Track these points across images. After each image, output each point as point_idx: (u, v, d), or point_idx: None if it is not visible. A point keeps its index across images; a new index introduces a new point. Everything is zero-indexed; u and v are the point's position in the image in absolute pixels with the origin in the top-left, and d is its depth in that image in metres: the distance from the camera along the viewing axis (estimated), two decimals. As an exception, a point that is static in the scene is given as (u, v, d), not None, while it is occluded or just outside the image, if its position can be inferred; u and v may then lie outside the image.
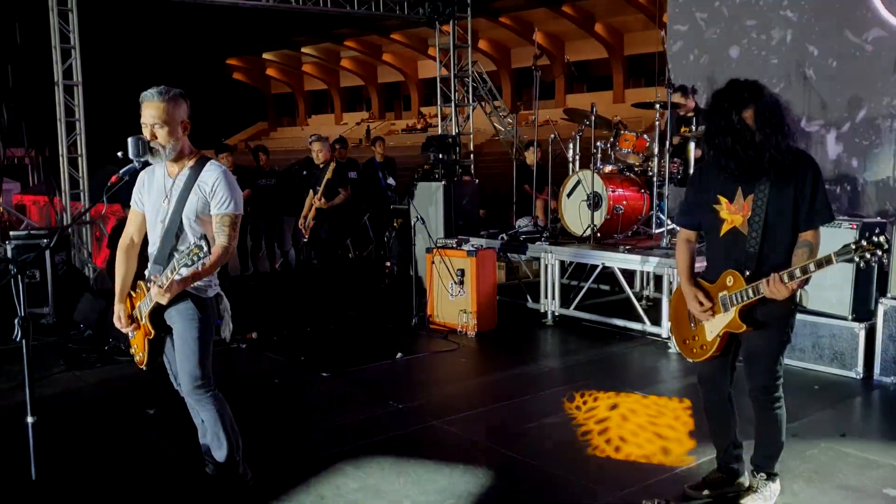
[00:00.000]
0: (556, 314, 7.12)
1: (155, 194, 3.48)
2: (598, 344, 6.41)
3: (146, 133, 3.38)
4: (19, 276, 3.27)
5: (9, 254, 7.66)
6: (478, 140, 16.04)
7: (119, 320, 3.53)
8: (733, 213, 3.33)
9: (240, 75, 45.83)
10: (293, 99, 48.36)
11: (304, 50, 40.63)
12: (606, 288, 8.07)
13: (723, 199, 3.35)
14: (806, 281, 3.18)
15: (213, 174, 3.41)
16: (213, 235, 3.40)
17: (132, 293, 3.55)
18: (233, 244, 3.40)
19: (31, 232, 7.97)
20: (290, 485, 3.80)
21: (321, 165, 7.98)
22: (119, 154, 3.45)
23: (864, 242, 2.90)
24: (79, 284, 8.39)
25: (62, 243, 8.19)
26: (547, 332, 6.94)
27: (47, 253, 7.71)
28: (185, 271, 3.25)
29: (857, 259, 2.93)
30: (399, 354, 6.13)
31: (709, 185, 3.40)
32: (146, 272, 3.53)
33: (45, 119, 12.92)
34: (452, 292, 6.88)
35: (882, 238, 2.88)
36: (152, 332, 3.41)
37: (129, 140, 3.41)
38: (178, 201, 3.40)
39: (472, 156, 14.03)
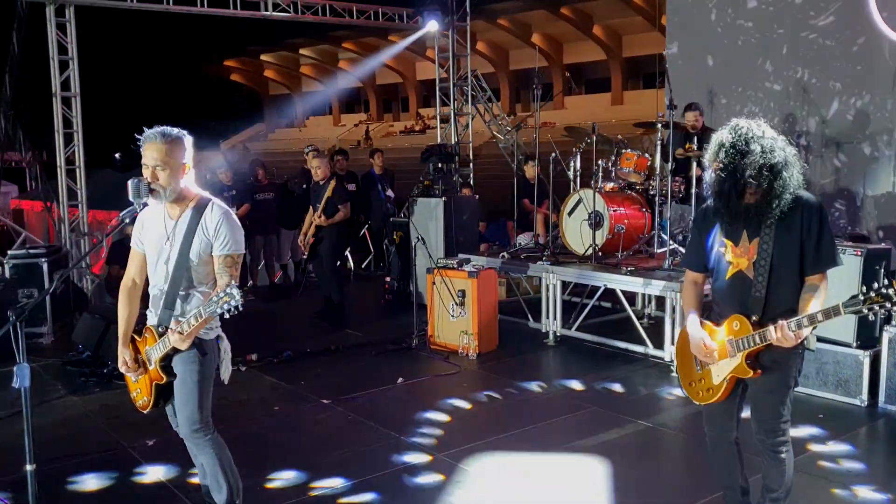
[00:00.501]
0: (558, 334, 7.08)
1: (156, 235, 3.43)
2: (601, 366, 6.37)
3: (147, 174, 3.34)
4: (18, 325, 3.20)
5: (6, 273, 7.61)
6: (475, 143, 15.98)
7: (125, 364, 3.47)
8: (738, 257, 3.29)
9: (237, 77, 45.74)
10: (290, 101, 48.23)
11: (301, 52, 40.53)
12: (608, 305, 8.03)
13: (728, 242, 3.31)
14: (813, 328, 3.14)
15: (215, 216, 3.38)
16: (216, 276, 3.38)
17: (136, 337, 3.51)
18: (234, 283, 3.36)
19: (30, 251, 7.91)
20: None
21: (321, 182, 7.93)
22: (117, 155, 3.42)
23: (872, 294, 2.86)
24: (78, 303, 8.35)
25: (61, 261, 8.13)
26: (549, 354, 6.90)
27: (45, 272, 7.67)
28: (195, 317, 3.20)
29: (865, 311, 2.89)
30: (400, 380, 6.09)
31: (713, 227, 3.36)
32: (149, 313, 3.49)
33: (42, 128, 12.89)
34: (453, 313, 6.85)
35: (891, 290, 2.84)
36: (163, 378, 3.36)
37: (129, 183, 3.37)
38: (182, 243, 3.36)
39: (471, 164, 13.99)
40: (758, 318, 3.22)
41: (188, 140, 3.41)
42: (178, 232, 3.40)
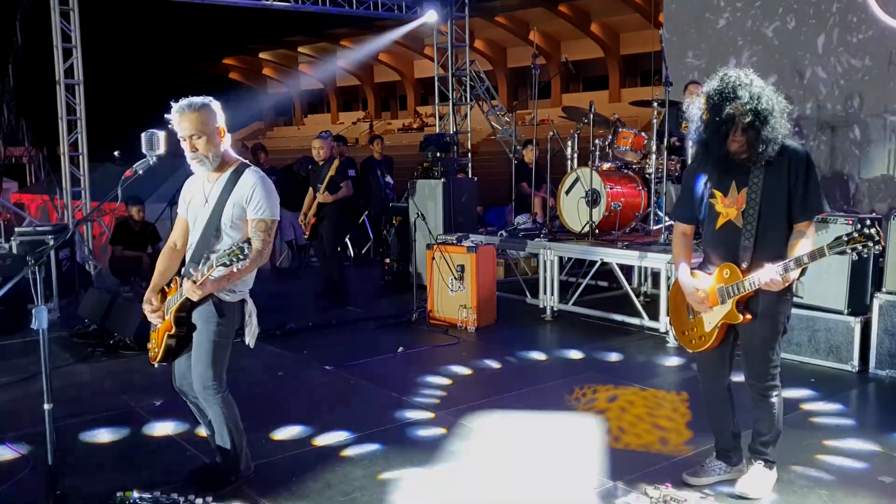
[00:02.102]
0: (556, 309, 7.21)
1: (198, 200, 3.57)
2: (598, 338, 6.50)
3: (185, 146, 3.45)
4: (36, 269, 3.33)
5: (14, 250, 7.73)
6: (474, 139, 16.13)
7: (149, 304, 3.59)
8: (728, 207, 3.41)
9: (235, 74, 45.81)
10: (289, 98, 48.35)
11: (300, 49, 40.64)
12: (604, 284, 8.17)
13: (717, 193, 3.43)
14: (802, 272, 3.27)
15: (250, 180, 3.49)
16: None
17: (165, 288, 3.63)
18: (267, 249, 3.48)
19: (37, 228, 8.04)
20: (297, 472, 3.89)
21: (321, 163, 8.05)
22: (116, 153, 3.55)
23: (855, 234, 3.00)
24: (82, 280, 8.46)
25: (66, 240, 8.25)
26: (546, 327, 7.03)
27: (52, 250, 7.78)
28: (220, 271, 3.31)
29: (848, 251, 3.02)
30: (400, 348, 6.22)
31: (703, 178, 3.49)
32: (182, 270, 3.61)
33: (45, 117, 13.00)
34: (452, 288, 6.97)
35: (873, 230, 2.98)
36: (173, 328, 3.48)
37: (143, 135, 3.50)
38: (216, 205, 3.48)
39: (469, 154, 14.13)
40: (747, 265, 3.35)
41: (216, 105, 3.52)
42: (213, 194, 3.52)
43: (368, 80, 43.00)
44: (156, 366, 3.69)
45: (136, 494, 3.37)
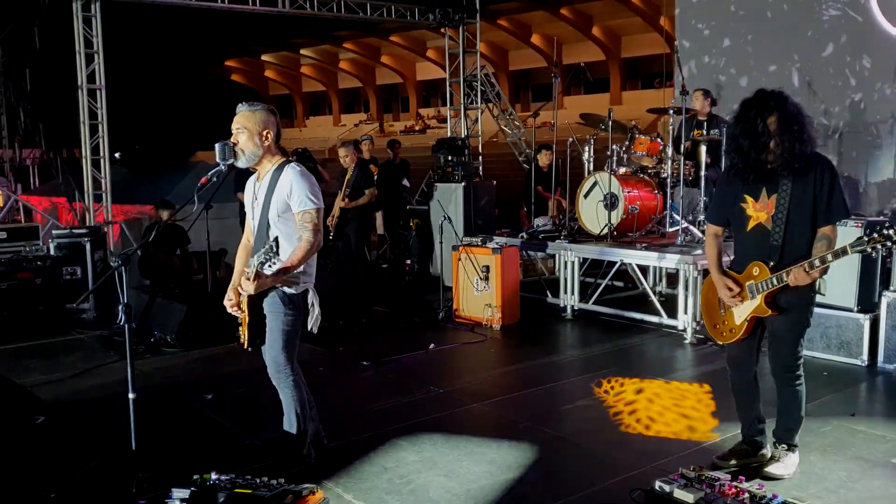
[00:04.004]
0: (576, 308, 7.52)
1: (249, 196, 3.91)
2: (618, 335, 6.81)
3: (234, 138, 3.81)
4: (122, 268, 3.62)
5: (51, 251, 8.02)
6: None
7: (228, 301, 3.93)
8: (758, 211, 3.74)
9: (238, 77, 46.09)
10: (291, 100, 48.65)
11: (302, 52, 40.93)
12: (620, 284, 8.47)
13: (749, 198, 3.76)
14: (825, 270, 3.58)
15: (288, 177, 3.81)
16: (299, 233, 3.80)
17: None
18: (318, 237, 3.79)
19: (73, 230, 8.32)
20: (353, 458, 4.18)
21: (349, 169, 8.36)
22: (116, 154, 3.88)
23: (875, 235, 3.31)
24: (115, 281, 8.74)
25: (99, 242, 8.54)
26: (568, 325, 7.34)
27: (88, 251, 8.08)
28: (267, 267, 3.64)
29: (869, 249, 3.33)
30: (432, 345, 6.52)
31: (736, 185, 3.81)
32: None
33: (62, 121, 13.25)
34: (478, 287, 7.27)
35: (892, 231, 3.29)
36: (247, 317, 3.79)
37: (217, 145, 3.82)
38: (264, 203, 3.82)
39: (480, 157, 14.45)
40: (775, 263, 3.67)
41: (268, 111, 3.86)
42: (260, 192, 3.86)
43: (370, 81, 43.30)
44: (248, 349, 3.95)
45: (214, 476, 3.65)
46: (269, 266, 3.62)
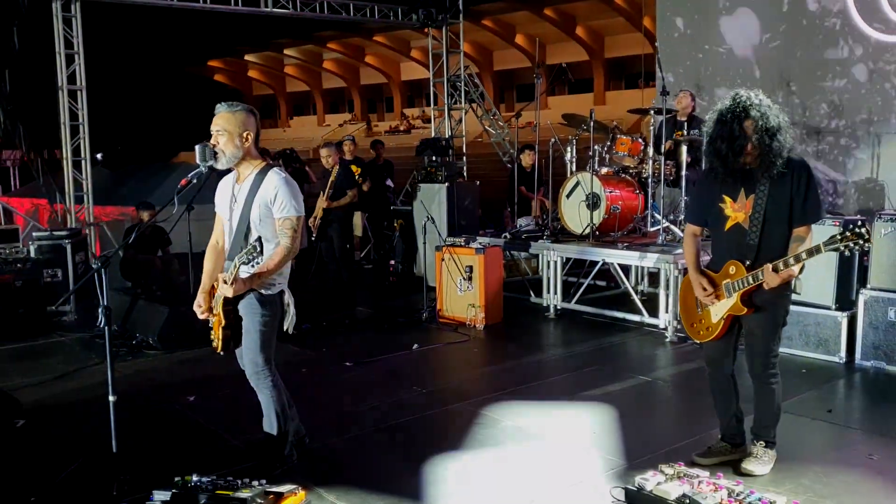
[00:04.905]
0: (559, 308, 7.56)
1: (226, 197, 3.89)
2: (600, 335, 6.86)
3: (213, 140, 3.80)
4: (102, 270, 3.61)
5: (32, 253, 7.96)
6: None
7: (198, 307, 3.90)
8: (736, 211, 3.79)
9: (221, 77, 45.88)
10: (275, 101, 48.49)
11: (286, 52, 40.81)
12: (603, 284, 8.53)
13: (727, 199, 3.81)
14: (800, 269, 3.63)
15: (273, 181, 3.81)
16: (278, 238, 3.80)
17: (214, 284, 3.94)
18: (295, 244, 3.80)
19: (53, 233, 8.26)
20: (336, 459, 4.20)
21: (331, 170, 8.35)
22: (98, 155, 3.86)
23: (847, 233, 3.36)
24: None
25: (80, 244, 8.49)
26: (550, 325, 7.38)
27: (69, 252, 8.03)
28: (245, 268, 3.68)
29: (842, 248, 3.38)
30: (415, 346, 6.53)
31: (714, 185, 3.85)
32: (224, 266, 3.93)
33: (43, 122, 13.14)
34: (461, 288, 7.30)
35: (864, 229, 3.34)
36: (223, 320, 3.79)
37: (197, 147, 3.81)
38: (244, 205, 3.81)
39: (464, 158, 14.48)
40: (751, 262, 3.72)
41: (248, 112, 3.87)
42: (240, 195, 3.85)
43: (355, 82, 43.24)
44: (221, 353, 3.94)
45: (195, 478, 3.65)
46: (253, 266, 3.63)
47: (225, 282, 3.70)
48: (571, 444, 4.38)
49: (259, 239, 3.62)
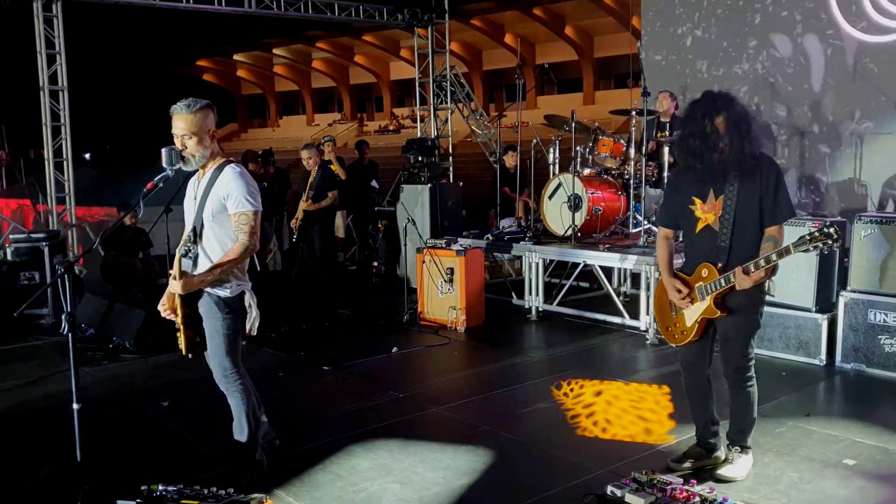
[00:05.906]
0: (541, 310, 7.52)
1: (189, 196, 3.82)
2: (581, 336, 6.82)
3: (177, 143, 3.72)
4: (66, 275, 3.54)
5: (9, 256, 7.86)
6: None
7: (162, 306, 3.86)
8: (706, 213, 3.75)
9: (210, 77, 45.68)
10: (264, 100, 48.32)
11: (275, 51, 40.66)
12: (586, 285, 8.50)
13: (697, 200, 3.77)
14: (773, 271, 3.59)
15: (227, 176, 3.73)
16: (235, 235, 3.72)
17: None
18: (253, 241, 3.71)
19: (31, 235, 8.16)
20: (306, 465, 4.13)
21: (311, 171, 8.28)
22: (86, 156, 3.79)
23: (816, 233, 3.33)
24: (76, 287, 8.59)
25: (59, 246, 8.39)
26: (532, 327, 7.33)
27: (46, 255, 7.93)
28: (186, 261, 3.67)
29: (811, 248, 3.35)
30: (395, 349, 6.47)
31: (684, 187, 3.82)
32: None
33: (25, 123, 13.02)
34: (442, 290, 7.24)
35: (832, 230, 3.31)
36: (181, 321, 3.72)
37: (163, 151, 3.73)
38: (200, 202, 3.74)
39: (451, 158, 14.43)
40: (723, 265, 3.69)
41: (208, 107, 3.78)
42: (200, 191, 3.79)
43: (344, 81, 43.12)
44: (189, 356, 3.87)
45: (161, 487, 3.59)
46: (189, 258, 3.58)
47: (174, 277, 3.62)
48: (546, 450, 4.33)
49: (194, 229, 3.56)
